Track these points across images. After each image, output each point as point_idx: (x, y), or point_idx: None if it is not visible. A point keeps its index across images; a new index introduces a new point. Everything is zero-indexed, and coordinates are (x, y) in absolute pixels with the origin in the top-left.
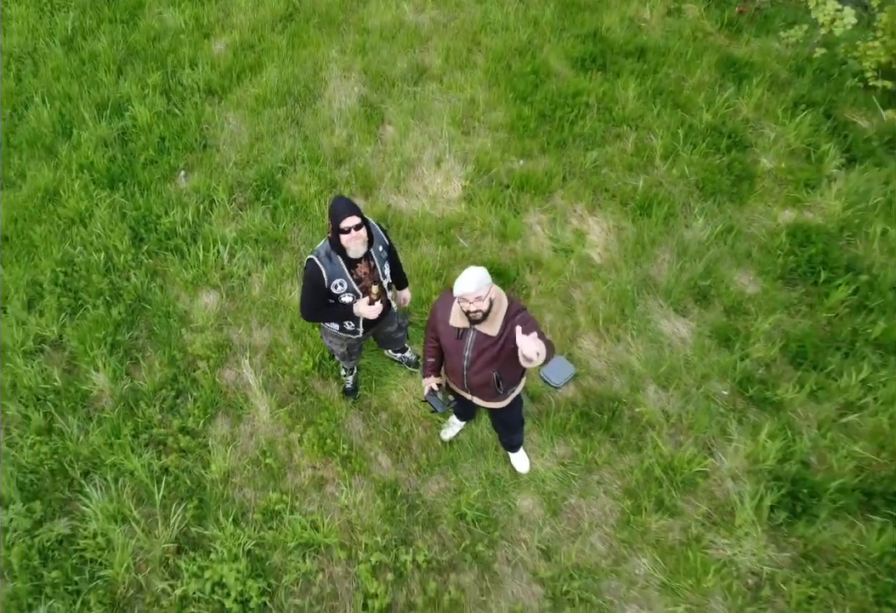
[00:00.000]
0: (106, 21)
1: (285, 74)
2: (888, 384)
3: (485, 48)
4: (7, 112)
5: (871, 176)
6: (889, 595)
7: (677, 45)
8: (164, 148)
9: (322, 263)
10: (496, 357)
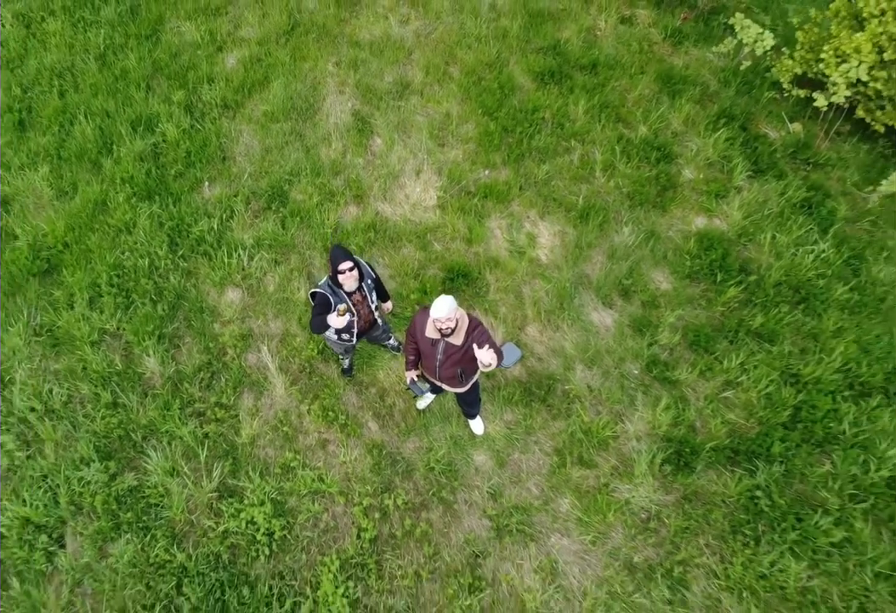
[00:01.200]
0: (132, 37)
1: (289, 91)
2: (759, 366)
3: (460, 62)
4: (55, 128)
5: (770, 188)
6: (742, 526)
7: (626, 57)
8: (190, 162)
9: (328, 294)
10: (461, 359)
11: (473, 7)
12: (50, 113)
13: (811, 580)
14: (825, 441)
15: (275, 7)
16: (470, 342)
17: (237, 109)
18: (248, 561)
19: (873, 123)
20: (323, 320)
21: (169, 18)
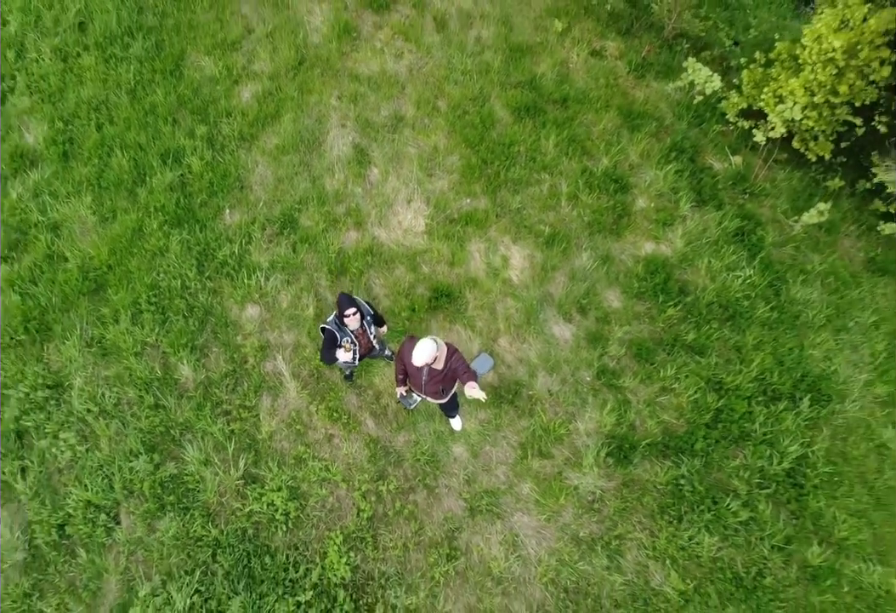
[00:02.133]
0: (158, 72)
1: (297, 125)
2: (689, 375)
3: (447, 96)
4: (95, 160)
5: (710, 217)
6: (668, 508)
7: (593, 92)
8: (213, 191)
9: (335, 329)
10: (442, 379)
11: (461, 41)
12: (90, 145)
13: (721, 550)
14: (739, 439)
15: (284, 42)
16: (449, 366)
17: (252, 142)
18: (268, 535)
19: (807, 152)
20: (332, 353)
21: (189, 53)
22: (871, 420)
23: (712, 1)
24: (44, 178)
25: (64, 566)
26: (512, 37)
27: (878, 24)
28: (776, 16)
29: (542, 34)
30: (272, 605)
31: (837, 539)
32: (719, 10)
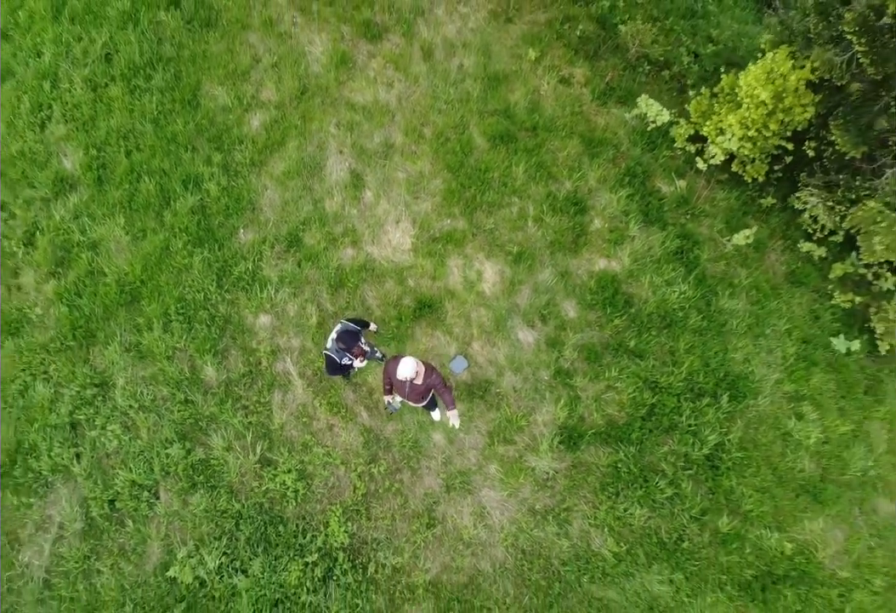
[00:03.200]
0: (178, 102)
1: (301, 153)
2: (630, 376)
3: (432, 124)
4: (126, 185)
5: (655, 237)
6: (608, 485)
7: (560, 119)
8: (229, 213)
9: (334, 354)
10: (422, 391)
11: (445, 69)
12: (121, 171)
13: (649, 520)
14: (669, 429)
15: (287, 72)
16: (427, 382)
17: (261, 167)
18: (281, 509)
19: (744, 174)
20: (334, 372)
21: (204, 83)
22: (779, 413)
23: (677, 11)
24: (82, 201)
25: (115, 533)
26: (490, 65)
27: (798, 79)
28: (738, 22)
29: (517, 62)
30: (285, 565)
31: (744, 511)
32: (683, 21)
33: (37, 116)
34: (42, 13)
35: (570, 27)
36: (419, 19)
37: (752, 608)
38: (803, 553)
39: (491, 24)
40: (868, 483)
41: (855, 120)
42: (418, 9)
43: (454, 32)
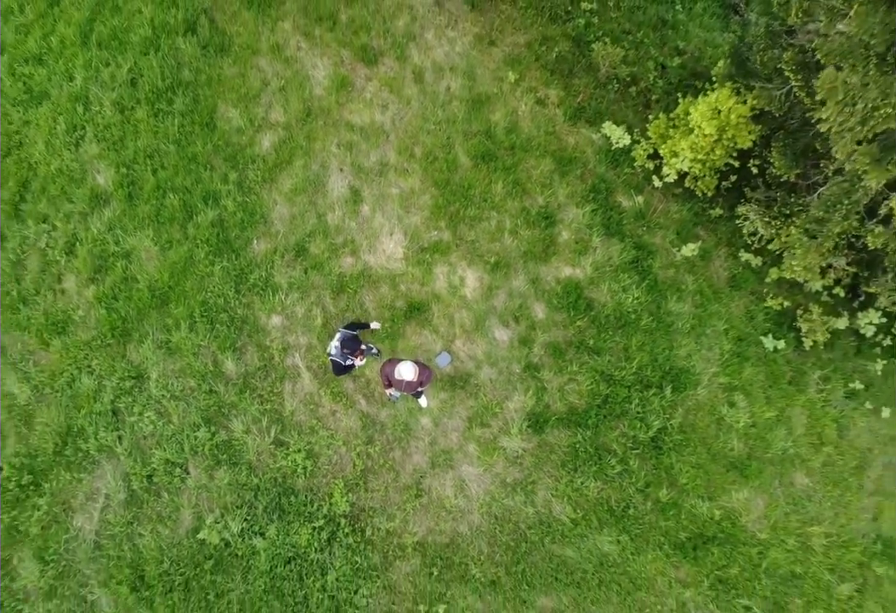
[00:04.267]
0: (197, 124)
1: (306, 171)
2: (589, 370)
3: (422, 144)
4: (153, 201)
5: (614, 248)
6: (568, 463)
7: (535, 139)
8: (244, 226)
9: (338, 358)
10: (416, 386)
11: (434, 92)
12: (148, 188)
13: (601, 491)
14: (620, 415)
15: (293, 95)
16: (419, 379)
17: (272, 184)
18: (292, 482)
19: (696, 189)
20: (338, 372)
21: (220, 106)
22: (714, 401)
23: (648, 22)
24: (115, 215)
25: (153, 503)
26: (474, 87)
27: (738, 115)
28: (706, 29)
29: (498, 84)
30: (296, 529)
31: (681, 484)
32: (653, 32)
33: (72, 136)
34: (72, 38)
35: (547, 48)
36: (411, 44)
37: (685, 563)
38: (729, 519)
39: (476, 48)
40: (787, 460)
41: (792, 144)
42: (410, 34)
43: (442, 56)
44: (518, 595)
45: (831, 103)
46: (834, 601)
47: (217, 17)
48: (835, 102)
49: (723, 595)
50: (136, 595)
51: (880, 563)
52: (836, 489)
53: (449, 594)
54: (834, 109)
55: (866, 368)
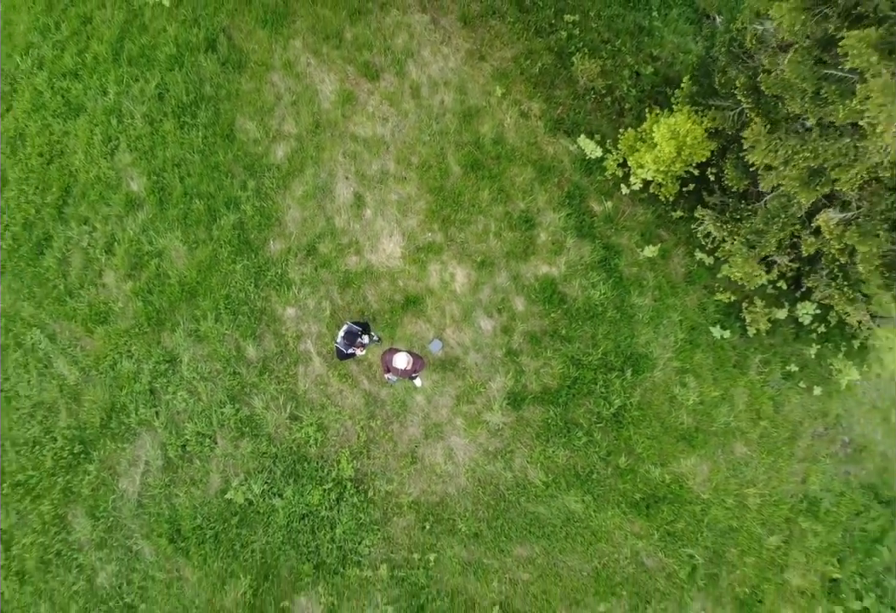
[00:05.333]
0: (218, 136)
1: (316, 179)
2: (561, 356)
3: (418, 154)
4: (181, 206)
5: (585, 249)
6: (542, 434)
7: (519, 149)
8: (261, 228)
9: (342, 346)
10: (410, 372)
11: (429, 105)
12: (177, 194)
13: (569, 459)
14: (587, 395)
15: (304, 108)
16: (412, 368)
17: (286, 191)
18: (306, 451)
19: (659, 194)
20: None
21: (238, 118)
22: (668, 382)
23: (626, 30)
24: (148, 218)
25: (186, 468)
26: (465, 101)
27: (693, 137)
28: (679, 35)
29: (486, 98)
30: (309, 490)
31: (637, 453)
32: (631, 39)
33: (108, 146)
34: (104, 55)
35: (531, 62)
36: (409, 60)
37: (639, 519)
38: (678, 482)
39: (467, 63)
40: (729, 432)
41: (743, 158)
42: (409, 51)
43: (437, 72)
44: (497, 545)
45: (757, 150)
46: (764, 550)
47: (234, 35)
48: (760, 150)
49: (670, 545)
50: (174, 546)
51: (805, 519)
52: (770, 457)
53: (438, 544)
54: (759, 155)
55: (803, 352)
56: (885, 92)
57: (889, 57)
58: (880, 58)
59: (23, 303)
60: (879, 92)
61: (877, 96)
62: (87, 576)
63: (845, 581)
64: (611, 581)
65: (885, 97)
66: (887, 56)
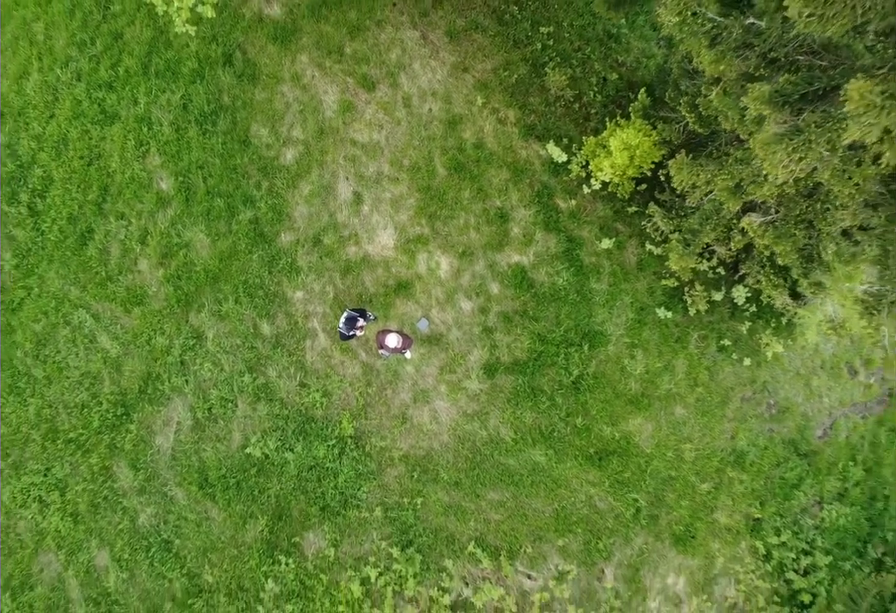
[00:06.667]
0: (236, 141)
1: (321, 179)
2: (529, 332)
3: (409, 157)
4: (204, 204)
5: (551, 241)
6: (512, 399)
7: (496, 154)
8: (273, 222)
9: (343, 330)
10: (400, 349)
11: (419, 113)
12: (201, 193)
13: (535, 420)
14: (550, 365)
15: (310, 117)
16: (402, 345)
17: (294, 189)
18: (313, 413)
19: (617, 192)
20: (344, 338)
21: (252, 125)
22: (620, 355)
23: (596, 37)
24: (176, 213)
25: (212, 428)
26: (450, 110)
27: (642, 150)
28: (645, 40)
29: (469, 107)
30: (316, 446)
31: (592, 414)
32: (600, 47)
33: (140, 150)
34: (135, 69)
35: (509, 73)
36: (402, 73)
37: (592, 469)
38: (626, 439)
39: (452, 75)
40: (670, 397)
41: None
42: (401, 64)
43: (426, 83)
44: (474, 491)
45: (680, 175)
46: (697, 495)
47: (248, 50)
48: (683, 174)
49: (618, 491)
50: (203, 492)
51: (732, 469)
52: (705, 417)
53: (424, 490)
54: (684, 177)
55: (736, 328)
56: (765, 147)
57: (781, 108)
58: (772, 111)
59: (70, 287)
60: (760, 147)
61: (760, 148)
62: (130, 517)
63: (766, 520)
64: (568, 520)
65: (766, 148)
66: (780, 107)
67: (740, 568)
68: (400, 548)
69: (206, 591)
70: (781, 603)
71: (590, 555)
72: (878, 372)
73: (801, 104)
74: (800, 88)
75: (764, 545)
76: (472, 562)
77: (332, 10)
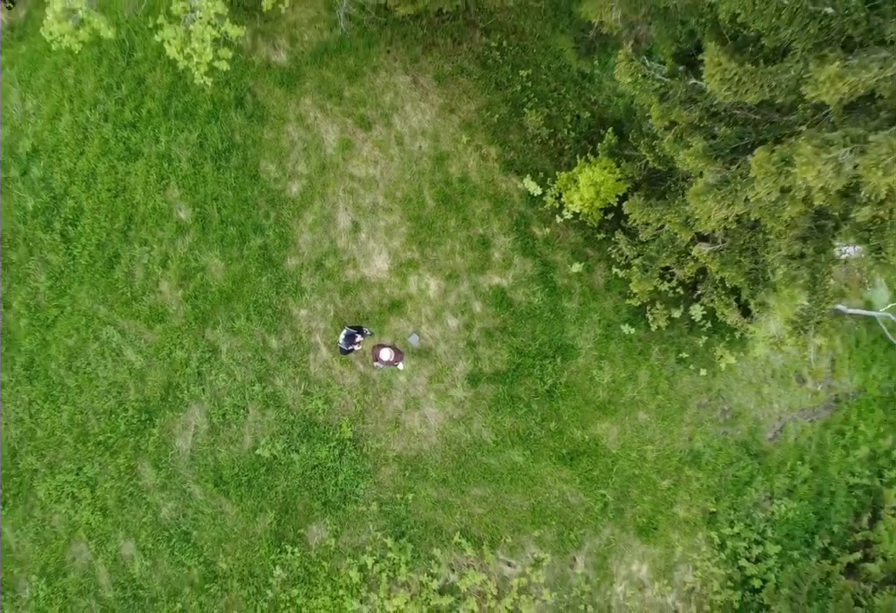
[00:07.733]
0: (247, 176)
1: (322, 210)
2: (508, 346)
3: (401, 189)
4: (220, 231)
5: (528, 265)
6: (494, 404)
7: (479, 187)
8: (281, 249)
9: (343, 345)
10: (393, 362)
11: (410, 150)
12: (215, 222)
13: (514, 424)
14: (527, 376)
15: (312, 154)
16: (395, 359)
17: (299, 219)
18: (316, 418)
19: (587, 221)
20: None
21: (261, 162)
22: (589, 366)
23: (572, 78)
24: (193, 240)
25: (226, 429)
26: (438, 147)
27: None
28: (615, 81)
29: (455, 144)
30: (319, 448)
31: (565, 419)
32: (575, 86)
33: (161, 184)
34: (156, 110)
35: (491, 113)
36: (395, 114)
37: (565, 468)
38: (594, 441)
39: (440, 116)
40: (633, 404)
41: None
42: (394, 106)
43: (416, 123)
44: (459, 488)
45: (634, 214)
46: (658, 491)
47: (258, 93)
48: (637, 213)
49: (588, 487)
50: (218, 488)
51: (690, 468)
52: (665, 422)
53: (415, 487)
54: (637, 216)
55: (694, 342)
56: (695, 197)
57: (714, 161)
58: (706, 163)
59: (99, 306)
60: (692, 197)
61: (692, 198)
62: (153, 511)
63: (721, 513)
64: (543, 513)
65: (696, 199)
66: (713, 160)
67: (697, 556)
68: (393, 538)
69: (220, 577)
70: (734, 588)
71: (563, 545)
72: (826, 380)
73: (733, 155)
74: (731, 143)
75: (719, 535)
76: (458, 551)
77: (332, 57)
